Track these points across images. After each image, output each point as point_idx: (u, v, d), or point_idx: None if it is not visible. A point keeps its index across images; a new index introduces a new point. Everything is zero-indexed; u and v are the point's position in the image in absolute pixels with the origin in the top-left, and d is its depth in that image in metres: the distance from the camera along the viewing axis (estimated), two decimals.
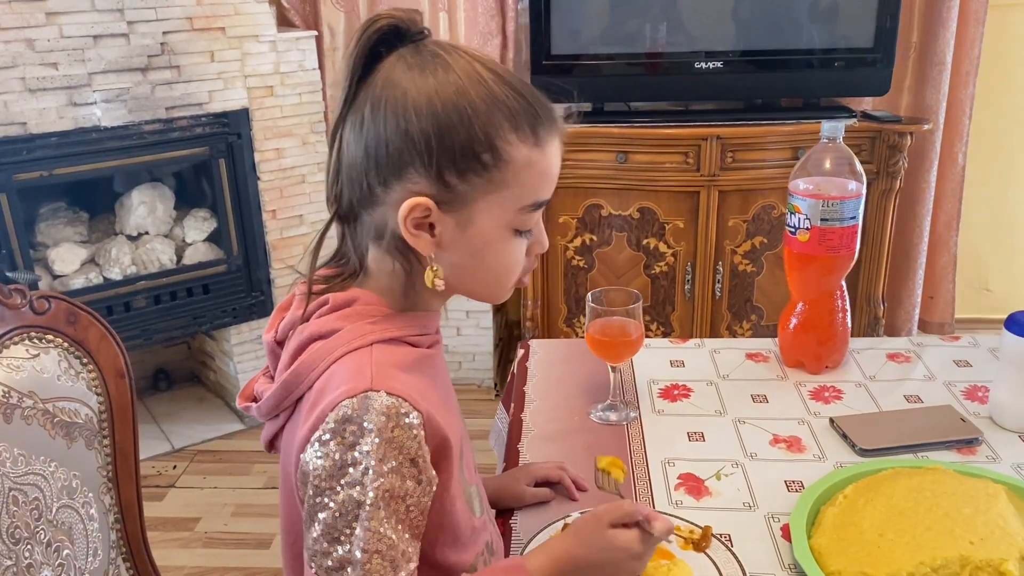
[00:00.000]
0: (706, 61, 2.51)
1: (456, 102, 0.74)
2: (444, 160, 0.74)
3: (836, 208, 1.22)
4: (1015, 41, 2.79)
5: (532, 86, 0.79)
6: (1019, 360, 1.12)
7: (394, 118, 0.75)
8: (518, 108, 0.76)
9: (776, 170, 2.48)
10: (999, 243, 3.04)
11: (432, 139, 0.74)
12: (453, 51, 0.77)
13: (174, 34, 2.28)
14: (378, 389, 0.73)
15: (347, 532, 0.72)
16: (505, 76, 0.78)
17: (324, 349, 0.78)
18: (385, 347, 0.78)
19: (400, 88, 0.75)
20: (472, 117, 0.74)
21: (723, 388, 1.29)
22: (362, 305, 0.80)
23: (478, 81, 0.75)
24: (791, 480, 1.06)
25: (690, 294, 2.62)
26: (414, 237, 0.77)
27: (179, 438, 2.59)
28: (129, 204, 2.47)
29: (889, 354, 1.37)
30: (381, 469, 0.71)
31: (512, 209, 0.78)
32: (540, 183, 0.79)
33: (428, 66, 0.75)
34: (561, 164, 0.82)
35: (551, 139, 0.78)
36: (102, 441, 1.16)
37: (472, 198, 0.77)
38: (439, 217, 0.77)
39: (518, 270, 0.83)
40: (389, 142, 0.75)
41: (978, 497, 0.95)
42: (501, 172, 0.76)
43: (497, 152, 0.75)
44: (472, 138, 0.74)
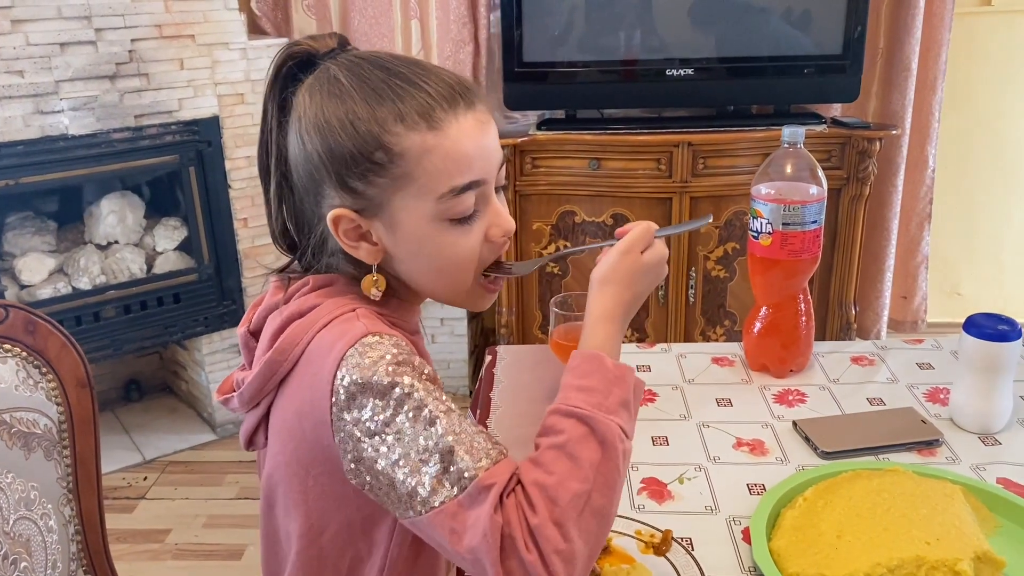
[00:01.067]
0: (678, 68, 2.53)
1: (337, 112, 0.75)
2: (341, 169, 0.75)
3: (797, 212, 1.23)
4: (980, 47, 2.83)
5: (428, 68, 0.77)
6: (977, 362, 1.13)
7: (298, 143, 0.78)
8: (399, 95, 0.74)
9: (747, 176, 2.50)
10: (969, 247, 3.07)
11: (323, 154, 0.75)
12: (349, 64, 0.78)
13: (143, 41, 2.27)
14: (372, 332, 0.74)
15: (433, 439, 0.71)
16: (389, 65, 0.77)
17: (305, 323, 0.77)
18: (370, 313, 0.78)
19: (297, 114, 0.77)
20: (354, 121, 0.74)
21: (688, 392, 1.29)
22: (343, 286, 0.81)
23: (363, 83, 0.75)
24: (753, 483, 1.06)
25: (664, 300, 2.63)
26: (354, 248, 0.79)
27: (150, 449, 2.57)
28: (98, 213, 2.45)
29: (853, 357, 1.38)
30: (415, 377, 0.72)
31: (430, 200, 0.76)
32: (452, 165, 0.75)
33: (318, 87, 0.77)
34: (484, 143, 0.77)
35: (454, 119, 0.75)
36: (62, 452, 1.15)
37: (385, 198, 0.76)
38: (368, 224, 0.78)
39: (472, 262, 0.81)
40: (300, 166, 0.78)
41: (935, 498, 0.96)
42: (400, 166, 0.75)
43: (387, 148, 0.74)
44: (359, 141, 0.74)
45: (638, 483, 1.07)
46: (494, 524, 0.67)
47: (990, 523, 0.97)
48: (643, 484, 1.07)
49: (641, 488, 1.06)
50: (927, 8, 2.61)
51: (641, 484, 1.07)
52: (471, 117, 0.76)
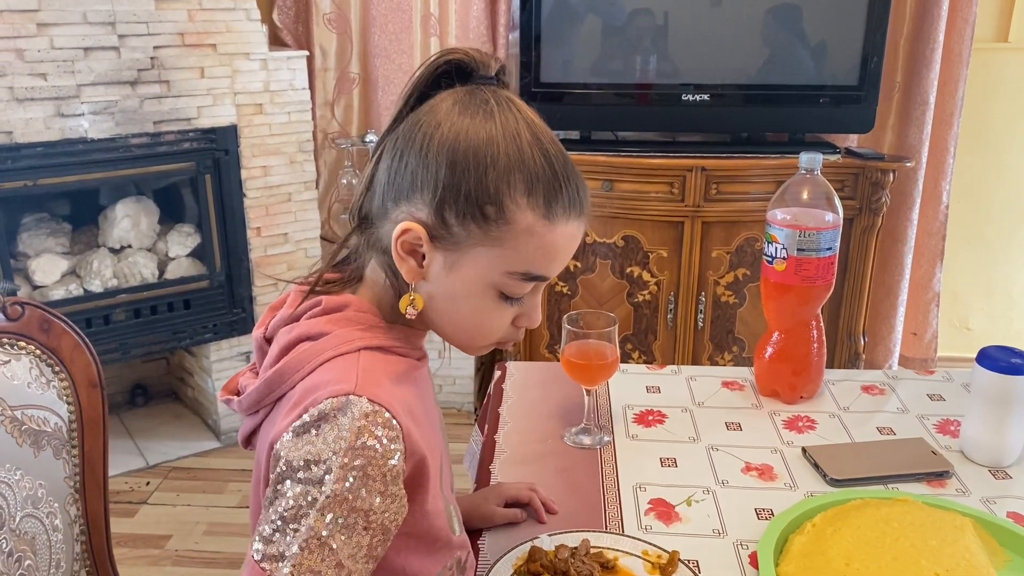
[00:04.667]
0: (694, 94, 2.54)
1: (479, 148, 0.75)
2: (449, 197, 0.75)
3: (813, 239, 1.23)
4: (998, 82, 2.84)
5: (573, 167, 0.79)
6: (990, 394, 1.13)
7: (420, 144, 0.76)
8: (540, 175, 0.75)
9: (760, 203, 2.50)
10: (980, 282, 3.07)
11: (443, 173, 0.75)
12: (506, 103, 0.77)
13: (165, 49, 2.29)
14: (361, 395, 0.72)
15: (293, 527, 0.70)
16: (544, 143, 0.77)
17: (312, 351, 0.78)
18: (373, 354, 0.78)
19: (436, 119, 0.76)
20: (489, 167, 0.75)
21: (698, 415, 1.29)
22: (353, 311, 0.81)
23: (512, 137, 0.76)
24: (761, 508, 1.06)
25: (672, 324, 2.62)
26: (401, 259, 0.78)
27: (154, 454, 2.57)
28: (113, 217, 2.47)
29: (864, 386, 1.38)
30: (343, 475, 0.70)
31: (501, 269, 0.77)
32: (539, 255, 0.77)
33: (471, 109, 0.76)
34: (572, 251, 0.80)
35: (565, 218, 0.77)
36: (71, 451, 1.15)
37: (465, 244, 0.77)
38: (430, 249, 0.78)
39: (496, 334, 0.82)
40: (408, 163, 0.77)
41: (945, 529, 0.95)
42: (500, 230, 0.76)
43: (502, 208, 0.75)
44: (481, 186, 0.75)
45: (646, 504, 1.07)
46: None
47: (999, 557, 0.96)
48: (651, 505, 1.06)
49: (648, 509, 1.06)
50: (945, 43, 2.62)
51: (649, 505, 1.06)
52: (575, 225, 0.79)
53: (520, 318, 0.82)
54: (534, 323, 0.83)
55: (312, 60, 2.72)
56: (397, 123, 0.80)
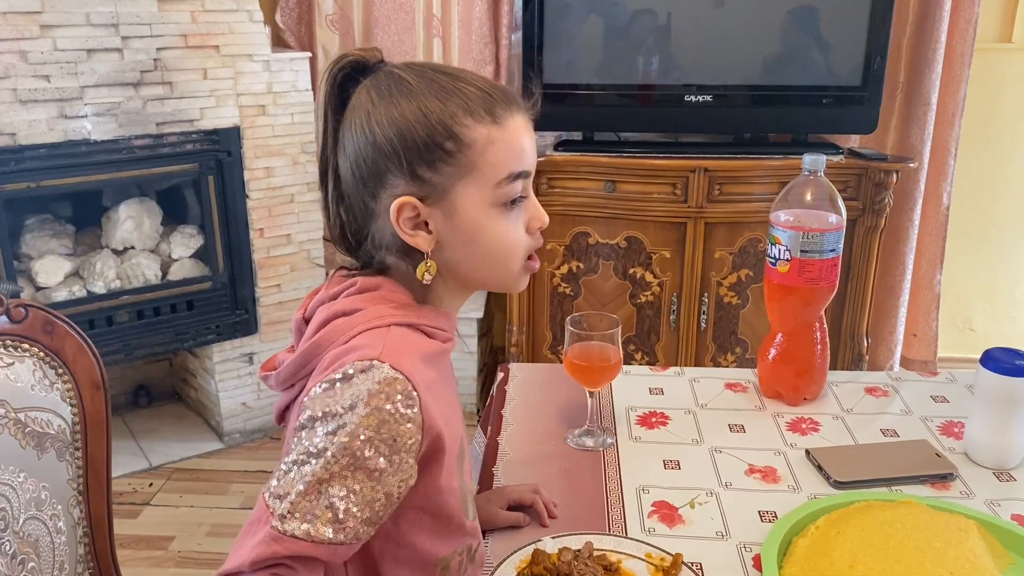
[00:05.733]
0: (696, 95, 2.54)
1: (411, 107, 0.81)
2: (412, 157, 0.81)
3: (816, 240, 1.23)
4: (1000, 83, 2.83)
5: (487, 78, 0.86)
6: (994, 396, 1.12)
7: (363, 135, 0.82)
8: (469, 95, 0.82)
9: (762, 204, 2.50)
10: (983, 283, 3.06)
11: (396, 142, 0.81)
12: (407, 68, 0.85)
13: (168, 50, 2.29)
14: (384, 361, 0.76)
15: (301, 471, 0.74)
16: (458, 73, 0.84)
17: (345, 324, 0.82)
18: (402, 330, 0.82)
19: (365, 110, 0.83)
20: (427, 113, 0.81)
21: (701, 417, 1.29)
22: (387, 291, 0.85)
23: (430, 82, 0.82)
24: (765, 510, 1.06)
25: (675, 324, 2.62)
26: (411, 236, 0.83)
27: (157, 455, 2.57)
28: (116, 218, 2.47)
29: (867, 388, 1.37)
30: (355, 432, 0.74)
31: (488, 186, 0.82)
32: (508, 156, 0.83)
33: (384, 86, 0.83)
34: (531, 140, 0.86)
35: (510, 116, 0.83)
36: (74, 453, 1.15)
37: (449, 186, 0.82)
38: (428, 212, 0.83)
39: (520, 248, 0.86)
40: (365, 157, 0.82)
41: (949, 531, 0.95)
42: (466, 155, 0.81)
43: (457, 137, 0.81)
44: (432, 131, 0.80)
45: (649, 506, 1.07)
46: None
47: (1004, 559, 0.96)
48: (654, 507, 1.06)
49: (652, 511, 1.06)
50: (948, 43, 2.61)
51: (652, 507, 1.06)
52: (521, 117, 0.85)
53: (531, 221, 0.87)
54: (543, 220, 0.87)
55: (315, 61, 2.72)
56: (327, 140, 0.85)
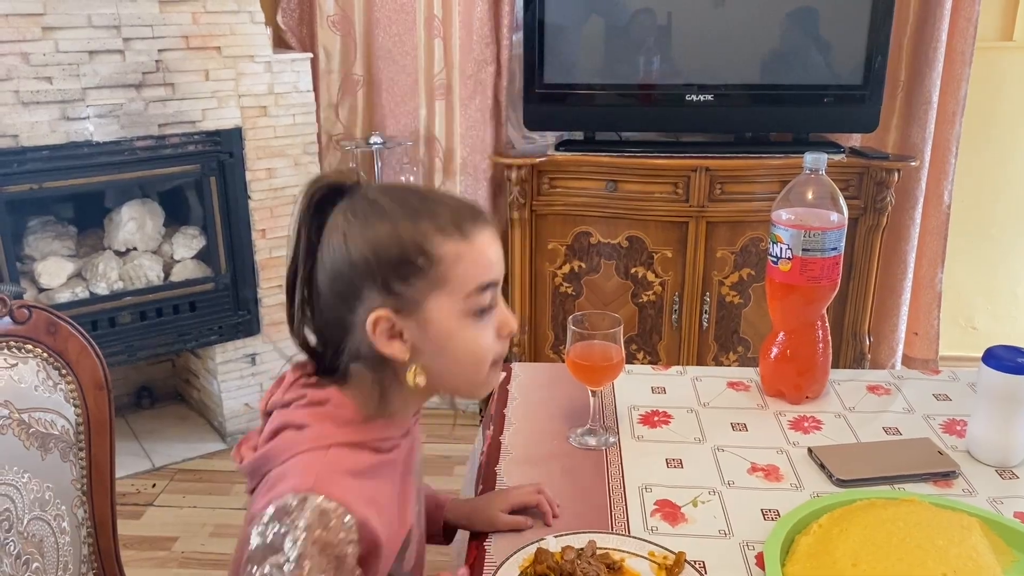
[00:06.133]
0: (697, 94, 2.54)
1: (385, 226, 0.86)
2: (387, 272, 0.86)
3: (818, 239, 1.23)
4: (1001, 81, 2.83)
5: (453, 195, 0.93)
6: (996, 394, 1.12)
7: (340, 254, 0.87)
8: (438, 212, 0.87)
9: (764, 203, 2.50)
10: (985, 281, 3.06)
11: (371, 259, 0.86)
12: (381, 191, 0.90)
13: (169, 52, 2.29)
14: (319, 492, 0.81)
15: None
16: (429, 193, 0.91)
17: (291, 440, 0.88)
18: (342, 451, 0.87)
19: (341, 231, 0.87)
20: (400, 232, 0.86)
21: (703, 416, 1.29)
22: (333, 407, 0.89)
23: (402, 203, 0.88)
24: (767, 509, 1.06)
25: (677, 324, 2.63)
26: (388, 346, 0.87)
27: (160, 456, 2.57)
28: (118, 219, 2.47)
29: (869, 386, 1.38)
30: (302, 564, 0.79)
31: (459, 297, 0.87)
32: (476, 269, 0.88)
33: (360, 208, 0.88)
34: (498, 251, 0.91)
35: (478, 231, 0.88)
36: (78, 454, 1.15)
37: (422, 298, 0.87)
38: (402, 323, 0.87)
39: (490, 354, 0.91)
40: (342, 274, 0.87)
41: (952, 529, 0.95)
42: (437, 269, 0.86)
43: (428, 253, 0.86)
44: (405, 248, 0.85)
45: (651, 505, 1.07)
46: None
47: (1007, 557, 0.96)
48: (656, 506, 1.07)
49: (654, 510, 1.06)
50: (948, 42, 2.61)
51: (655, 506, 1.07)
52: (488, 231, 0.90)
53: (501, 327, 0.91)
54: (512, 326, 0.92)
55: (316, 62, 2.72)
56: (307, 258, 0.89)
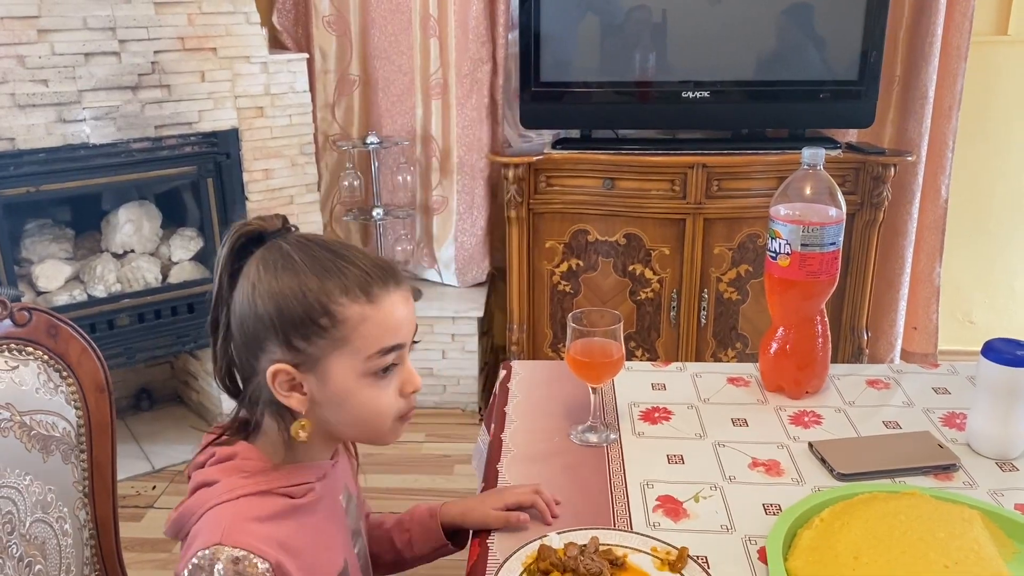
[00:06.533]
0: (693, 91, 2.54)
1: (290, 282, 0.87)
2: (289, 329, 0.87)
3: (816, 234, 1.23)
4: (997, 76, 2.84)
5: (367, 253, 0.91)
6: (996, 387, 1.13)
7: (248, 304, 0.89)
8: (350, 275, 0.88)
9: (761, 199, 2.50)
10: (982, 277, 3.07)
11: (274, 315, 0.87)
12: (297, 243, 0.90)
13: (165, 53, 2.29)
14: (226, 543, 0.84)
15: None
16: (342, 251, 0.90)
17: (203, 497, 0.90)
18: (252, 500, 0.89)
19: (251, 282, 0.89)
20: (305, 291, 0.87)
21: (704, 411, 1.29)
22: (241, 459, 0.92)
23: (313, 260, 0.88)
24: (769, 503, 1.06)
25: (675, 321, 2.63)
26: (286, 397, 0.89)
27: (159, 458, 2.57)
28: (115, 222, 2.47)
29: (868, 380, 1.38)
30: None
31: (360, 358, 0.88)
32: (380, 332, 0.88)
33: (271, 260, 0.89)
34: (407, 313, 0.91)
35: (386, 294, 0.89)
36: (79, 456, 1.15)
37: (322, 356, 0.88)
38: (302, 377, 0.89)
39: (391, 410, 0.92)
40: (248, 324, 0.89)
41: (953, 522, 0.95)
42: (340, 330, 0.87)
43: (332, 315, 0.87)
44: (308, 308, 0.86)
45: (653, 501, 1.07)
46: None
47: (1008, 548, 0.96)
48: (658, 502, 1.07)
49: (656, 506, 1.06)
50: (944, 36, 2.62)
51: (657, 502, 1.07)
52: (398, 293, 0.90)
53: (405, 385, 0.92)
54: (416, 385, 0.93)
55: (312, 62, 2.72)
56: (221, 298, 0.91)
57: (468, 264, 2.90)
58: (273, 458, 0.93)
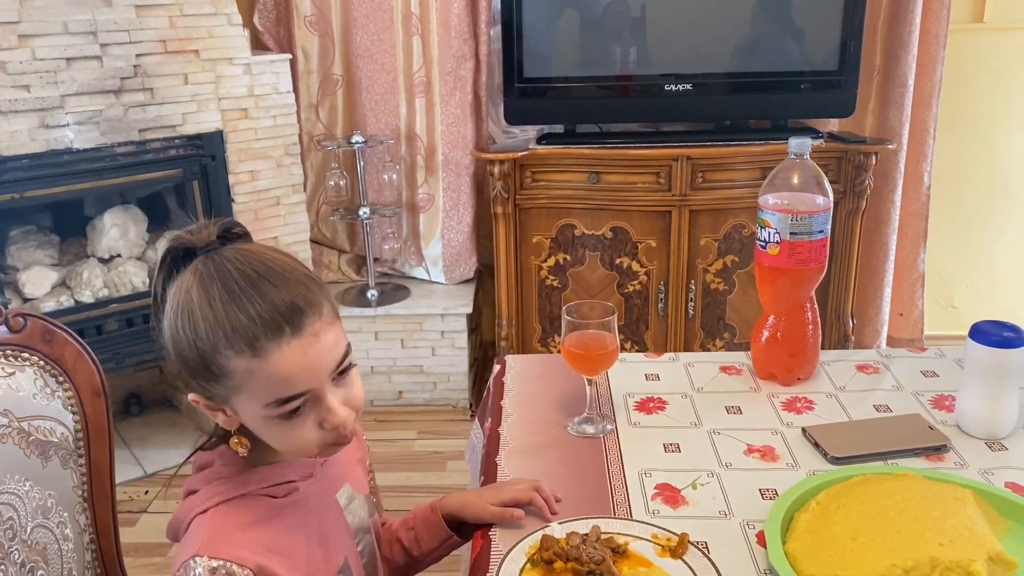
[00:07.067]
0: (676, 83, 2.56)
1: (186, 328, 0.86)
2: (189, 373, 0.88)
3: (805, 222, 1.25)
4: (975, 63, 2.87)
5: (273, 295, 0.84)
6: (984, 368, 1.15)
7: (164, 331, 0.89)
8: (238, 326, 0.83)
9: (746, 190, 2.52)
10: (964, 262, 3.10)
11: (177, 359, 0.88)
12: (216, 270, 0.86)
13: (147, 56, 2.28)
14: (203, 555, 0.85)
15: None
16: (245, 289, 0.84)
17: (187, 506, 0.93)
18: (231, 507, 0.91)
19: (168, 311, 0.88)
20: (195, 340, 0.85)
21: (698, 400, 1.31)
22: (220, 465, 0.94)
23: (208, 303, 0.85)
24: (765, 488, 1.08)
25: (663, 312, 2.65)
26: (214, 417, 0.91)
27: (151, 463, 2.56)
28: (101, 227, 2.46)
29: (858, 365, 1.40)
30: None
31: (259, 405, 0.86)
32: (270, 386, 0.85)
33: (179, 294, 0.87)
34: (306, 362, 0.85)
35: (276, 347, 0.83)
36: (78, 460, 1.15)
37: (226, 396, 0.88)
38: (219, 406, 0.90)
39: (311, 443, 0.90)
40: (165, 348, 0.90)
41: (947, 501, 0.97)
42: (231, 380, 0.86)
43: (219, 366, 0.85)
44: (199, 356, 0.86)
45: (652, 489, 1.08)
46: None
47: (1000, 526, 0.98)
48: (657, 490, 1.08)
49: (655, 494, 1.07)
50: (922, 24, 2.65)
51: (655, 490, 1.08)
52: (295, 343, 0.84)
53: (323, 422, 0.89)
54: (335, 420, 0.88)
55: (295, 63, 2.72)
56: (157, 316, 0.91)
57: (455, 261, 2.91)
58: (252, 460, 0.93)
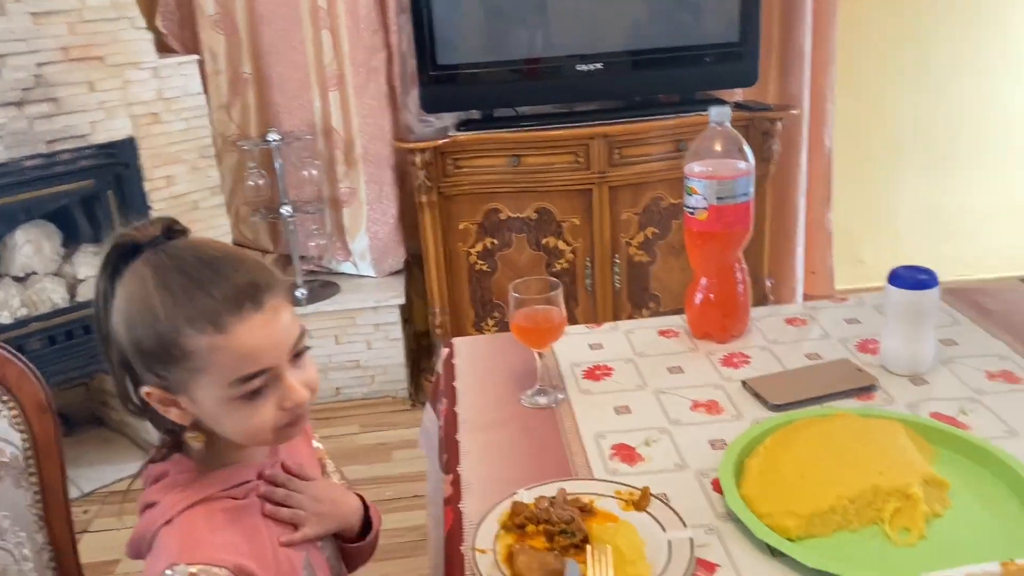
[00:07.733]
0: (585, 64, 2.61)
1: (142, 311, 0.85)
2: (146, 360, 0.87)
3: (730, 186, 1.31)
4: (867, 30, 3.02)
5: (229, 273, 0.87)
6: (903, 311, 1.23)
7: (116, 327, 0.88)
8: (195, 305, 0.85)
9: (662, 163, 2.60)
10: (868, 218, 3.27)
11: (133, 347, 0.87)
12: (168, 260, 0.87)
13: (49, 65, 2.21)
14: (179, 563, 0.85)
15: None
16: (204, 272, 0.86)
17: (149, 519, 0.91)
18: (194, 513, 0.90)
19: (116, 303, 0.88)
20: (154, 323, 0.85)
21: (641, 364, 1.36)
22: (175, 473, 0.93)
23: (162, 288, 0.85)
24: (714, 439, 1.14)
25: (591, 288, 2.71)
26: (168, 414, 0.90)
27: (87, 482, 2.50)
28: (13, 244, 2.37)
29: (787, 319, 1.48)
30: None
31: (222, 386, 0.86)
32: (235, 361, 0.85)
33: (132, 284, 0.87)
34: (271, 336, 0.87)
35: (240, 322, 0.85)
36: (29, 479, 1.14)
37: (184, 382, 0.87)
38: (175, 397, 0.89)
39: (269, 424, 0.90)
40: (115, 351, 0.90)
41: (880, 435, 1.05)
42: (193, 361, 0.85)
43: (181, 347, 0.85)
44: (159, 339, 0.85)
45: (608, 450, 1.13)
46: None
47: (929, 452, 1.06)
48: (613, 450, 1.13)
49: (612, 454, 1.12)
50: None
51: (612, 450, 1.13)
52: (257, 317, 0.86)
53: (284, 402, 0.89)
54: (296, 398, 0.89)
55: (203, 64, 2.67)
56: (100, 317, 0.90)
57: (383, 253, 2.91)
58: (208, 464, 0.93)
